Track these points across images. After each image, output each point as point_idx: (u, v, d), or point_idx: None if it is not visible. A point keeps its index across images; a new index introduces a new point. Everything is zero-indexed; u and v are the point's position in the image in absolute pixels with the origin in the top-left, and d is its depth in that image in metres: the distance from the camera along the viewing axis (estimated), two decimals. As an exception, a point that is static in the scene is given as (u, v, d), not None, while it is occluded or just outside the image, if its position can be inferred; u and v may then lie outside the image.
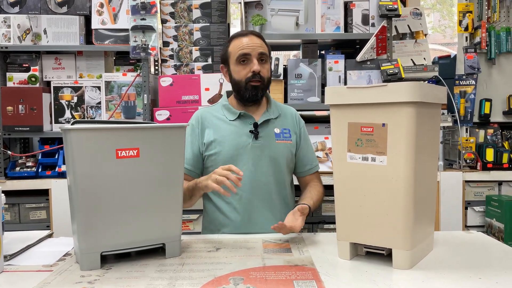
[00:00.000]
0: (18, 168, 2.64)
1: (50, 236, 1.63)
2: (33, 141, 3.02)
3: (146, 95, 2.67)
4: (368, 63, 2.73)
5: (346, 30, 2.77)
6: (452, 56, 3.12)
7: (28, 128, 2.65)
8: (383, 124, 1.22)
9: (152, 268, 1.27)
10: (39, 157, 2.70)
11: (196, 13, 2.81)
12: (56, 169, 2.63)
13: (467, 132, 2.89)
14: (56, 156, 2.69)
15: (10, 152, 2.64)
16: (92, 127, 1.25)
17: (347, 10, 2.77)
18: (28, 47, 2.70)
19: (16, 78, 2.72)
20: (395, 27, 2.83)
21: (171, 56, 2.80)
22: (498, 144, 2.86)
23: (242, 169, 1.69)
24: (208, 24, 2.80)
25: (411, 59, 2.81)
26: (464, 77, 2.88)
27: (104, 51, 2.79)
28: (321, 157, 2.64)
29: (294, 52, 4.90)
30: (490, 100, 2.92)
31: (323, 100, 2.71)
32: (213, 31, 2.79)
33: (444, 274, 1.19)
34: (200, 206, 1.86)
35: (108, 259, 1.33)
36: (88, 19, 2.75)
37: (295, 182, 1.91)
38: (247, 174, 1.68)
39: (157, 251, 1.39)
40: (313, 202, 1.68)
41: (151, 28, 2.63)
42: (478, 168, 2.74)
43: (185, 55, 2.79)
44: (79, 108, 2.74)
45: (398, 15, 2.68)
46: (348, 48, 3.05)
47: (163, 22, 2.83)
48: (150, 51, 2.63)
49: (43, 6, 2.72)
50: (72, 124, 1.31)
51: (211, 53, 2.78)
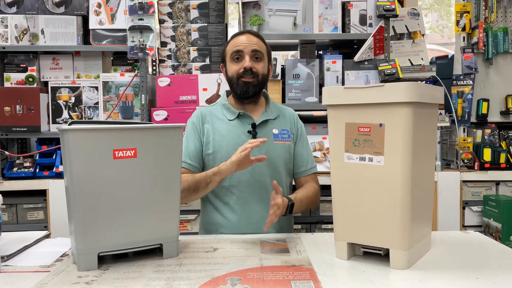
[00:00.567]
0: (15, 169, 2.64)
1: (47, 236, 1.63)
2: (30, 141, 3.01)
3: (143, 95, 2.67)
4: (366, 63, 2.73)
5: (343, 30, 2.78)
6: (449, 56, 3.13)
7: (25, 129, 2.65)
8: (380, 124, 1.22)
9: (150, 268, 1.26)
10: (37, 157, 2.70)
11: (194, 13, 2.81)
12: (54, 169, 2.62)
13: (464, 132, 2.89)
14: (53, 157, 2.68)
15: (8, 153, 2.64)
16: (89, 127, 1.25)
17: (345, 10, 2.77)
18: (25, 47, 2.70)
19: (13, 79, 2.71)
20: (393, 27, 2.84)
21: (169, 56, 2.79)
22: (495, 144, 2.87)
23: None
24: (206, 24, 2.80)
25: (409, 59, 2.81)
26: (461, 77, 2.88)
27: (101, 51, 2.79)
28: (318, 157, 2.64)
29: (292, 52, 4.91)
30: (487, 100, 2.93)
31: (321, 100, 2.71)
32: (211, 31, 2.79)
33: (441, 274, 1.19)
34: (198, 206, 1.86)
35: (105, 260, 1.33)
36: (85, 19, 2.74)
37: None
38: (244, 174, 1.68)
39: (154, 252, 1.38)
40: (295, 196, 1.67)
41: (148, 28, 2.63)
42: (476, 168, 2.74)
43: (183, 55, 2.79)
44: (76, 108, 2.73)
45: (396, 15, 2.69)
46: (346, 48, 3.06)
47: (161, 22, 2.83)
48: (147, 51, 2.63)
49: (40, 6, 2.72)
50: (69, 125, 1.31)
51: (209, 53, 2.78)
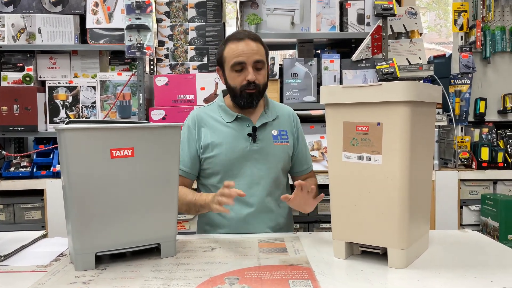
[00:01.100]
0: (12, 168, 2.63)
1: (44, 236, 1.63)
2: (27, 141, 3.00)
3: (141, 95, 2.66)
4: (364, 62, 2.73)
5: (341, 30, 2.78)
6: (447, 55, 3.13)
7: (22, 128, 2.64)
8: (378, 123, 1.22)
9: (147, 268, 1.26)
10: (34, 157, 2.69)
11: (192, 12, 2.81)
12: (51, 169, 2.61)
13: (462, 131, 2.90)
14: (51, 156, 2.67)
15: (5, 152, 2.63)
16: (87, 126, 1.24)
17: (343, 10, 2.77)
18: (22, 47, 2.69)
19: (10, 78, 2.70)
20: (390, 26, 2.84)
21: (167, 56, 2.79)
22: (493, 143, 2.87)
23: (240, 172, 1.69)
24: (204, 23, 2.80)
25: (407, 58, 2.82)
26: (459, 76, 2.88)
27: (99, 51, 2.78)
28: (316, 156, 2.64)
29: (290, 51, 4.91)
30: (485, 99, 2.93)
31: (318, 99, 2.71)
32: (208, 30, 2.79)
33: (439, 273, 1.19)
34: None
35: (103, 259, 1.32)
36: (82, 19, 2.73)
37: (290, 181, 1.90)
38: (244, 178, 1.67)
39: (152, 251, 1.38)
40: (311, 183, 1.68)
41: (146, 28, 2.62)
42: (473, 167, 2.75)
43: (180, 55, 2.78)
44: (74, 107, 2.73)
45: (393, 15, 2.69)
46: (344, 47, 3.06)
47: (158, 21, 2.82)
48: (145, 50, 2.63)
49: (37, 5, 2.71)
50: (66, 124, 1.30)
51: (207, 52, 2.77)
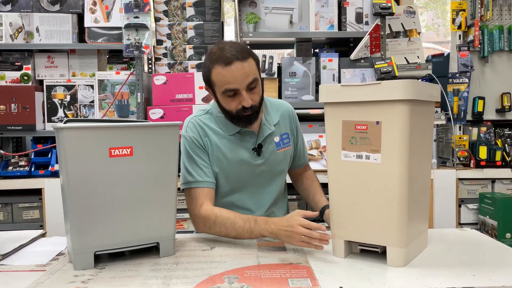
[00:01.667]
0: (10, 168, 2.62)
1: (43, 235, 1.62)
2: (25, 140, 3.00)
3: (139, 94, 2.66)
4: (362, 61, 2.73)
5: (340, 29, 2.78)
6: (445, 55, 3.13)
7: (20, 127, 2.64)
8: (377, 122, 1.22)
9: (146, 267, 1.26)
10: (32, 156, 2.68)
11: (190, 11, 2.80)
12: (49, 168, 2.61)
13: (460, 130, 2.90)
14: (49, 155, 2.67)
15: (3, 151, 2.61)
16: (85, 125, 1.24)
17: (341, 9, 2.78)
18: (20, 46, 2.68)
19: (8, 77, 2.70)
20: (389, 25, 2.84)
21: (165, 55, 2.78)
22: (491, 142, 2.88)
23: (245, 184, 1.62)
24: (202, 22, 2.79)
25: (405, 57, 2.82)
26: (457, 75, 2.89)
27: (97, 50, 2.78)
28: (315, 155, 2.64)
29: (288, 50, 4.90)
30: (483, 98, 2.93)
31: (317, 98, 2.71)
32: (207, 29, 2.79)
33: (438, 271, 1.19)
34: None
35: (101, 259, 1.32)
36: (81, 17, 2.73)
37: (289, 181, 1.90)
38: (245, 184, 1.63)
39: (151, 250, 1.38)
40: (323, 199, 1.72)
41: (144, 26, 2.62)
42: (472, 165, 2.75)
43: (178, 54, 2.78)
44: (72, 106, 2.72)
45: (392, 14, 2.69)
46: (342, 46, 3.06)
47: (157, 20, 2.82)
48: (143, 49, 2.62)
49: (35, 4, 2.70)
50: (64, 123, 1.30)
51: (205, 51, 2.77)
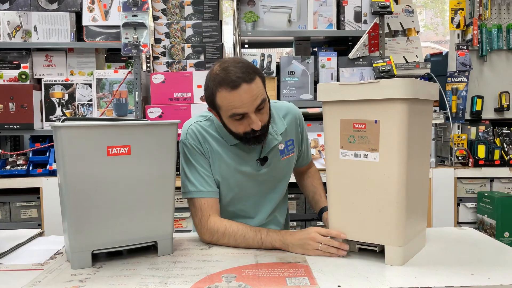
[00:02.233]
0: (8, 167, 2.62)
1: (40, 234, 1.62)
2: (23, 139, 2.99)
3: (137, 93, 2.65)
4: (361, 60, 2.73)
5: (338, 27, 2.78)
6: (444, 53, 3.13)
7: (18, 126, 2.63)
8: (376, 121, 1.22)
9: (144, 266, 1.26)
10: (30, 155, 2.68)
11: (188, 10, 2.80)
12: (47, 167, 2.60)
13: (459, 129, 2.90)
14: (47, 154, 2.67)
15: (1, 150, 2.61)
16: (83, 124, 1.24)
17: (340, 7, 2.77)
18: (18, 44, 2.68)
19: (6, 76, 2.69)
20: (387, 24, 2.84)
21: (163, 53, 2.78)
22: (489, 141, 2.88)
23: (247, 192, 1.59)
24: (200, 21, 2.79)
25: (403, 56, 2.82)
26: (456, 74, 2.89)
27: (95, 48, 2.77)
28: (314, 154, 2.64)
29: (287, 49, 4.90)
30: (481, 97, 2.94)
31: (315, 97, 2.71)
32: (205, 28, 2.78)
33: (436, 270, 1.19)
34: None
35: (99, 258, 1.32)
36: (78, 16, 2.72)
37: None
38: (247, 191, 1.60)
39: (149, 249, 1.38)
40: (323, 199, 1.71)
41: (142, 25, 2.61)
42: (470, 164, 2.75)
43: (177, 52, 2.77)
44: (70, 105, 2.71)
45: (390, 12, 2.69)
46: (341, 45, 3.06)
47: (155, 19, 2.81)
48: (141, 48, 2.62)
49: (33, 2, 2.69)
50: (62, 122, 1.29)
51: (203, 50, 2.77)
